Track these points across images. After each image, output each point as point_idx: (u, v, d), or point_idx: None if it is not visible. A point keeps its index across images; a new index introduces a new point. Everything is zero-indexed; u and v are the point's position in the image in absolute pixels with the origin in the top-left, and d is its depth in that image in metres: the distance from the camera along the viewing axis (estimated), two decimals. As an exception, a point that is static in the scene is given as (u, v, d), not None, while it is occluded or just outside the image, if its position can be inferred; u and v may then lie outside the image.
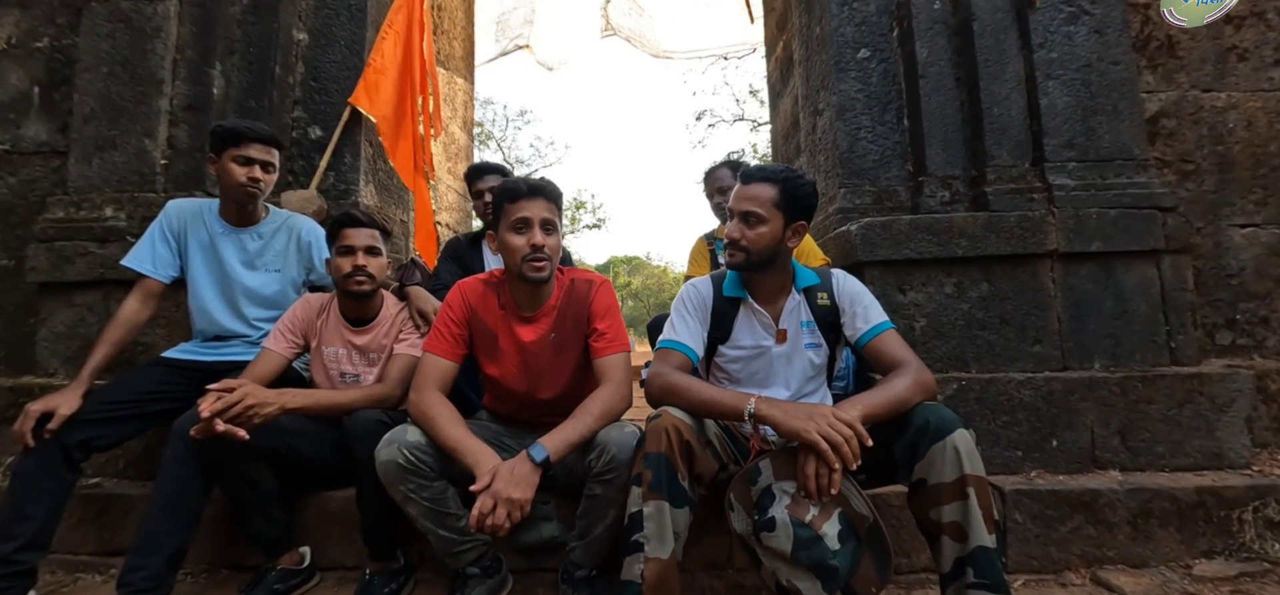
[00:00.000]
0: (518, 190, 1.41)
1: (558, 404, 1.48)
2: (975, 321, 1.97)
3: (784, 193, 1.34)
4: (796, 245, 1.39)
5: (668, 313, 2.00)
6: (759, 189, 1.35)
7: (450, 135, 3.98)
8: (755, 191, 1.35)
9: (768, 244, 1.35)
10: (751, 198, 1.35)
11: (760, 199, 1.34)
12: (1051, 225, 1.96)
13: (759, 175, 1.37)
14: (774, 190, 1.34)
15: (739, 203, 1.37)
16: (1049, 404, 1.83)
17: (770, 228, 1.34)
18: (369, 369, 1.66)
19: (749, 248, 1.35)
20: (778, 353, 1.44)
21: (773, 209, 1.34)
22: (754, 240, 1.35)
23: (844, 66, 2.26)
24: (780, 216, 1.35)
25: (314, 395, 1.42)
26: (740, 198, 1.37)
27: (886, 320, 1.41)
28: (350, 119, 2.35)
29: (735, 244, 1.37)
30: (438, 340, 1.47)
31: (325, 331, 1.67)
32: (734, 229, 1.37)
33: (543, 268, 1.39)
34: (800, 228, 1.38)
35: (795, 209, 1.36)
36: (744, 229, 1.35)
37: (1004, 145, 2.07)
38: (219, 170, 1.69)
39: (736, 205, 1.38)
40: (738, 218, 1.37)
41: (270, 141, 1.73)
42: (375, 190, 2.50)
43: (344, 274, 1.57)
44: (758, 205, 1.34)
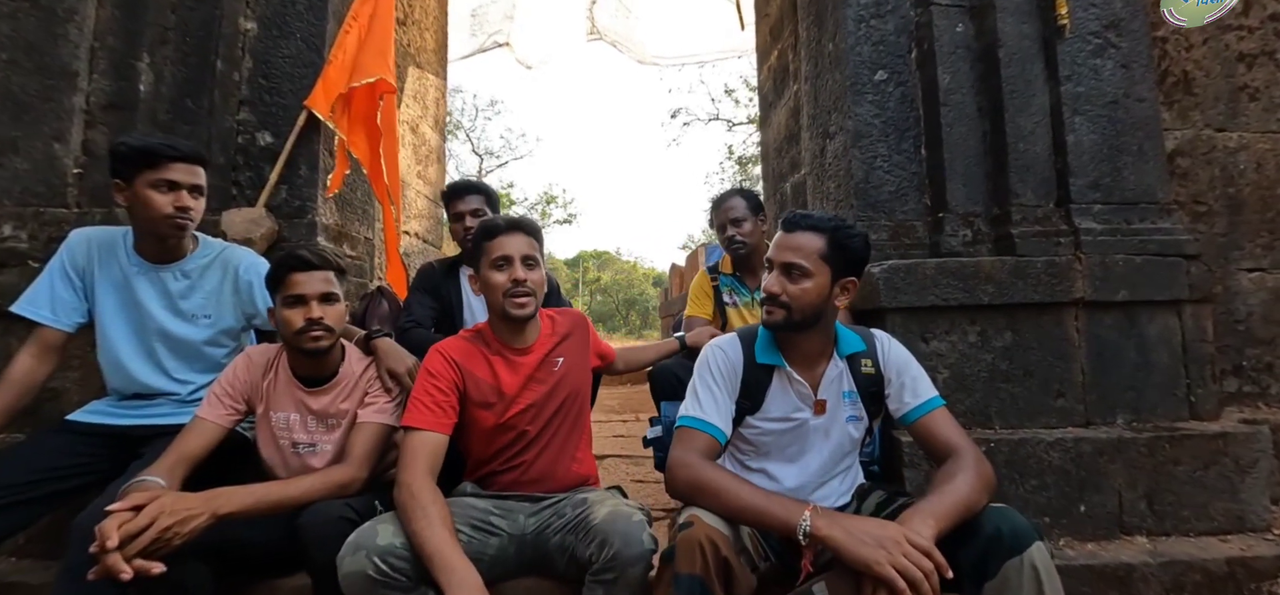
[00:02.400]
0: (496, 227, 1.37)
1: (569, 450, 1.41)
2: (999, 373, 1.85)
3: (833, 244, 1.17)
4: (845, 303, 1.22)
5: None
6: (804, 239, 1.17)
7: (421, 135, 3.66)
8: (800, 241, 1.17)
9: (812, 301, 1.18)
10: (795, 247, 1.17)
11: (805, 250, 1.16)
12: (1078, 272, 1.85)
13: (805, 223, 1.19)
14: (821, 241, 1.17)
15: (781, 252, 1.19)
16: (1078, 466, 1.72)
17: (816, 283, 1.17)
18: (327, 436, 1.41)
19: (790, 304, 1.17)
20: (814, 425, 1.27)
21: (819, 262, 1.16)
22: (797, 296, 1.17)
23: (860, 89, 2.10)
24: (827, 271, 1.17)
25: (255, 493, 1.16)
26: (782, 247, 1.19)
27: (937, 395, 1.25)
28: (306, 124, 2.05)
29: (774, 299, 1.18)
30: (422, 411, 1.26)
31: (273, 393, 1.40)
32: (773, 282, 1.18)
33: (526, 304, 1.34)
34: (849, 285, 1.21)
35: (845, 263, 1.19)
36: (785, 283, 1.17)
37: (1028, 183, 1.95)
38: (131, 200, 1.39)
39: (777, 255, 1.20)
40: (778, 270, 1.19)
41: (196, 159, 1.43)
42: (335, 207, 2.20)
43: (295, 330, 1.31)
44: (802, 257, 1.16)
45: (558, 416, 1.40)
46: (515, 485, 1.37)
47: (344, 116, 2.12)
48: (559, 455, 1.39)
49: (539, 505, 1.34)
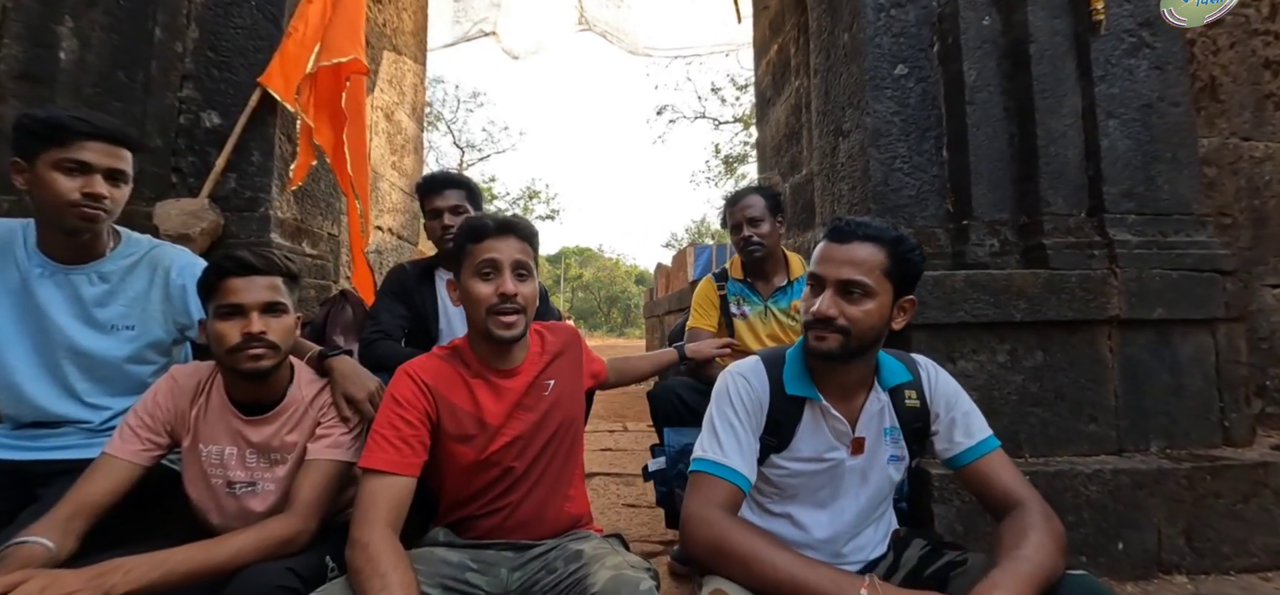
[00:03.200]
0: (483, 228, 1.14)
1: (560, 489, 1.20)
2: (1029, 396, 1.70)
3: (894, 257, 0.99)
4: (901, 326, 1.04)
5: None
6: (864, 251, 0.98)
7: (397, 123, 3.40)
8: (859, 254, 0.98)
9: (873, 325, 0.99)
10: (855, 262, 0.98)
11: (866, 264, 0.98)
12: (1113, 288, 1.72)
13: (863, 232, 0.99)
14: (882, 254, 0.98)
15: (835, 268, 0.99)
16: (1116, 500, 1.58)
17: (878, 304, 0.98)
18: (270, 473, 1.17)
19: (850, 329, 0.97)
20: (851, 466, 1.09)
21: (882, 279, 0.98)
22: (858, 320, 0.97)
23: (879, 83, 1.93)
24: (889, 289, 0.99)
25: (165, 563, 0.91)
26: (838, 261, 0.99)
27: (991, 434, 1.08)
28: (260, 104, 1.80)
29: (828, 323, 0.98)
30: (384, 449, 1.04)
31: (204, 422, 1.16)
32: (828, 304, 0.98)
33: (514, 323, 1.11)
34: (907, 305, 1.03)
35: (905, 280, 1.01)
36: (843, 304, 0.98)
37: (1060, 190, 1.81)
38: (31, 183, 1.14)
39: (830, 271, 1.00)
40: (832, 289, 0.99)
41: (118, 139, 1.18)
42: (294, 200, 1.95)
43: (230, 345, 1.08)
44: (862, 272, 0.97)
45: (548, 449, 1.19)
46: (497, 531, 1.17)
47: (309, 100, 1.87)
48: (549, 495, 1.19)
49: (525, 556, 1.14)
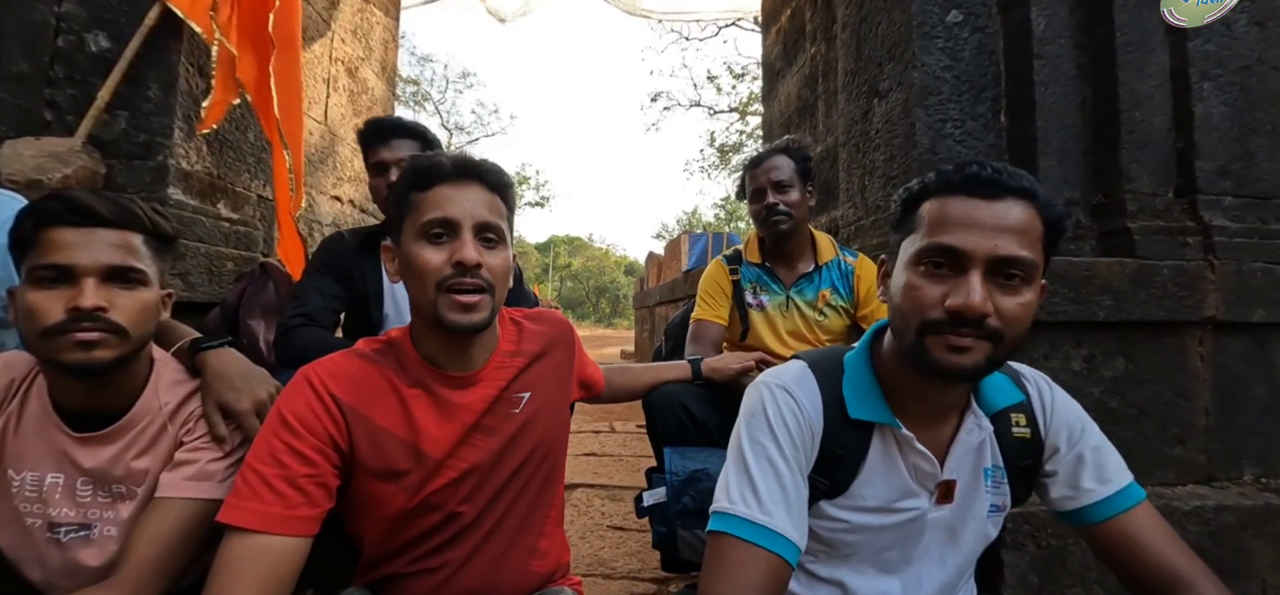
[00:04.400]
0: (436, 169, 0.79)
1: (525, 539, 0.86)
2: (1108, 412, 1.40)
3: (1049, 224, 0.66)
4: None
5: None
6: (1020, 214, 0.64)
7: (361, 80, 3.00)
8: (1016, 217, 0.64)
9: (1028, 325, 0.66)
10: (1015, 229, 0.63)
11: (1029, 235, 0.64)
12: (1210, 283, 1.42)
13: (1016, 185, 0.64)
14: (1037, 217, 0.65)
15: (986, 238, 0.63)
16: (1217, 544, 1.29)
17: (1036, 294, 0.65)
18: (111, 511, 0.82)
19: (1003, 333, 0.63)
20: (935, 519, 0.76)
21: (1042, 257, 0.65)
22: (1016, 319, 0.64)
23: (929, 32, 1.61)
24: (1041, 270, 0.66)
25: None
26: (985, 227, 0.63)
27: (1134, 481, 0.77)
28: (160, 25, 1.41)
29: (978, 325, 0.62)
30: (259, 495, 0.70)
31: (15, 440, 0.80)
32: (981, 296, 0.62)
33: (476, 303, 0.76)
34: (1042, 286, 0.69)
35: (1053, 248, 0.68)
36: (1000, 296, 0.63)
37: (1145, 164, 1.50)
38: None
39: (978, 242, 0.63)
40: (980, 269, 0.63)
41: None
42: (208, 149, 1.57)
43: (47, 325, 0.73)
44: (1026, 245, 0.63)
45: (511, 487, 0.85)
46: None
47: (231, 20, 1.49)
48: (507, 550, 0.85)
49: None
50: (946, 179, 0.68)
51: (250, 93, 1.47)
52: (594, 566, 1.59)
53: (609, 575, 1.54)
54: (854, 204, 1.93)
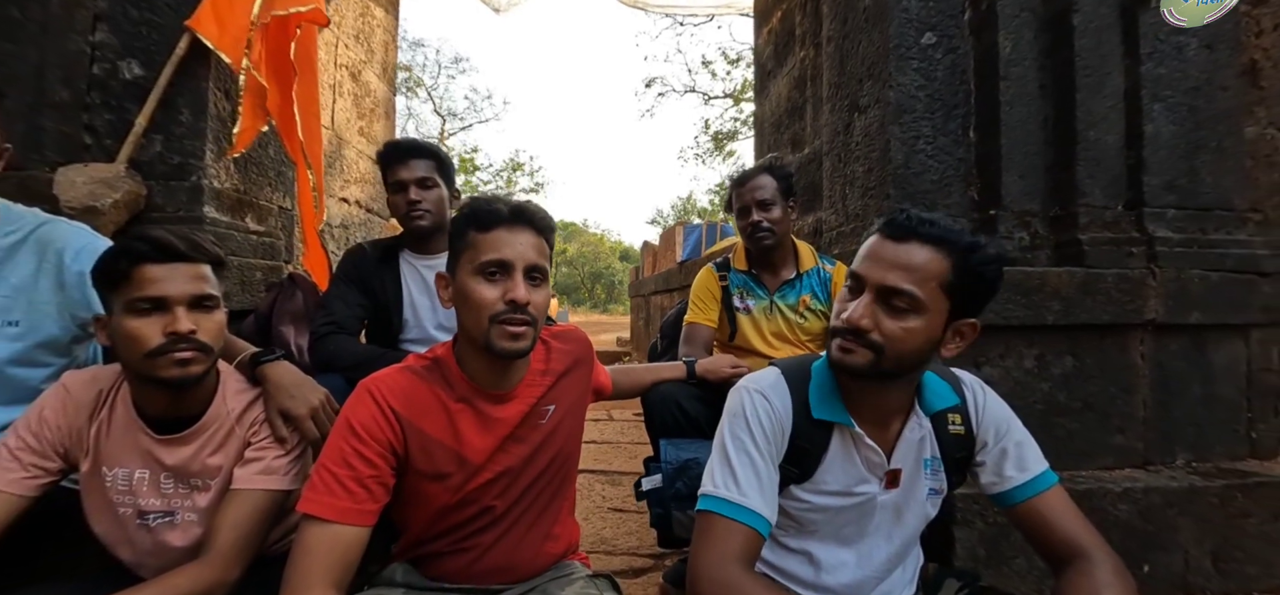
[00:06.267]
0: (494, 215, 0.91)
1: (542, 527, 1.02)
2: (1056, 405, 1.56)
3: (960, 269, 0.79)
4: (954, 353, 0.86)
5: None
6: (920, 255, 0.79)
7: (364, 84, 3.09)
8: (913, 258, 0.79)
9: (917, 347, 0.81)
10: (906, 267, 0.79)
11: (920, 272, 0.79)
12: (1151, 289, 1.57)
13: (924, 230, 0.79)
14: (946, 262, 0.79)
15: (880, 269, 0.80)
16: (1146, 520, 1.46)
17: (927, 322, 0.80)
18: (190, 501, 0.97)
19: (882, 347, 0.80)
20: (884, 501, 0.92)
21: (937, 293, 0.79)
22: (896, 338, 0.79)
23: (905, 53, 1.73)
24: (945, 307, 0.80)
25: None
26: (885, 263, 0.80)
27: (1049, 469, 0.93)
28: (190, 53, 1.52)
29: (859, 336, 0.80)
30: (333, 491, 0.84)
31: (106, 441, 0.95)
32: (862, 312, 0.80)
33: (523, 334, 0.89)
34: (966, 330, 0.84)
35: (969, 299, 0.82)
36: (881, 315, 0.79)
37: (1098, 179, 1.65)
38: None
39: (873, 272, 0.81)
40: (871, 294, 0.80)
41: None
42: (235, 168, 1.69)
43: (150, 349, 0.86)
44: (913, 281, 0.78)
45: (536, 486, 1.00)
46: (463, 573, 0.99)
47: (261, 55, 1.60)
48: (527, 534, 1.01)
49: (500, 600, 0.96)
50: (883, 220, 0.84)
51: (274, 118, 1.59)
52: (598, 545, 1.76)
53: (611, 552, 1.71)
54: (836, 210, 2.07)
